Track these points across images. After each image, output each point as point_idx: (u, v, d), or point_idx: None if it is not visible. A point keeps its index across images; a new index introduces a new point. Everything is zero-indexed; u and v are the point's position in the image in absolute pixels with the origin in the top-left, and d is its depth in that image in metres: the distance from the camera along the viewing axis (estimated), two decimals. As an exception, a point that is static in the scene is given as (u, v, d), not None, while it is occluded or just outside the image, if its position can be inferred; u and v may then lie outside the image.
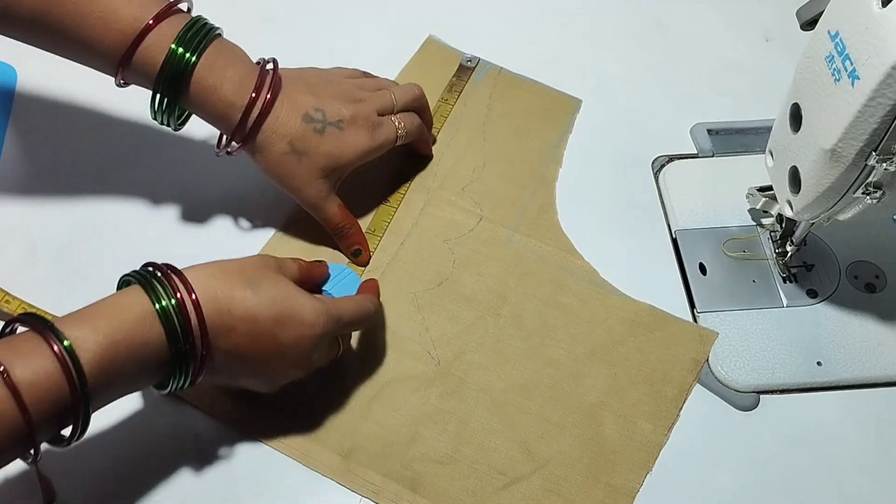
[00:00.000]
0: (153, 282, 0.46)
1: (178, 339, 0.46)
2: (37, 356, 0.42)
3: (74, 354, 0.43)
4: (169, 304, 0.46)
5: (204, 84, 0.55)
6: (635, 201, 0.68)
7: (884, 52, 0.44)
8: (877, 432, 0.58)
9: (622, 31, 0.78)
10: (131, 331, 0.45)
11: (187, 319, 0.46)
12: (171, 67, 0.54)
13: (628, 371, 0.59)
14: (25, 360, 0.42)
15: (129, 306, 0.46)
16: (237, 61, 0.56)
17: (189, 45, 0.54)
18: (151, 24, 0.53)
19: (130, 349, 0.45)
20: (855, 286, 0.63)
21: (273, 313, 0.49)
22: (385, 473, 0.55)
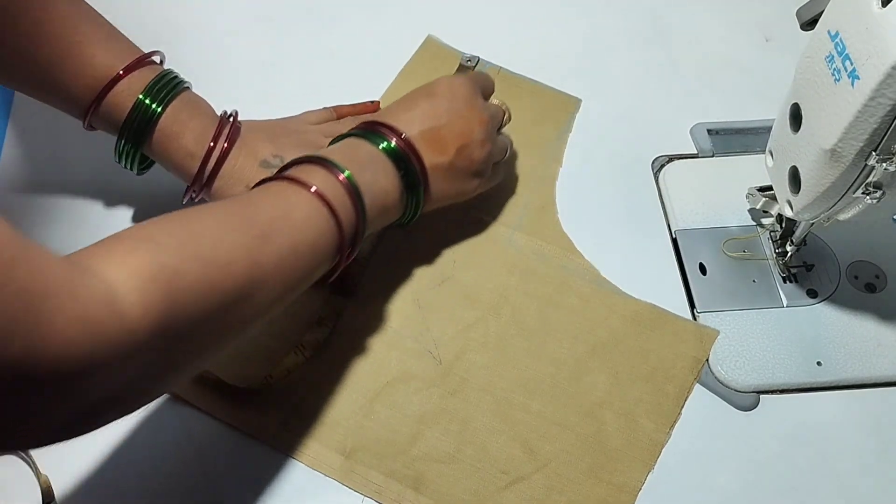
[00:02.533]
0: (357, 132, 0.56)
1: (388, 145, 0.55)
2: (326, 181, 0.50)
3: (354, 181, 0.51)
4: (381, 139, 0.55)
5: (167, 133, 0.57)
6: (635, 201, 0.68)
7: (884, 52, 0.44)
8: (877, 432, 0.58)
9: (622, 30, 0.78)
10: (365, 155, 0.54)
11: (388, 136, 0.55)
12: (136, 116, 0.56)
13: (629, 369, 0.59)
14: (317, 181, 0.49)
15: (356, 148, 0.54)
16: (200, 114, 0.59)
17: (156, 97, 0.56)
18: (122, 73, 0.56)
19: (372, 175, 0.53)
20: (855, 286, 0.63)
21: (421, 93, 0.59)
22: (387, 473, 0.55)
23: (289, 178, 0.50)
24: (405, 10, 0.78)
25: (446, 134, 0.57)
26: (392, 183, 0.54)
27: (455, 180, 0.59)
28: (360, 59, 0.75)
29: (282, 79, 0.74)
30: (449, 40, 0.76)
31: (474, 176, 0.60)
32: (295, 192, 0.49)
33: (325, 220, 0.49)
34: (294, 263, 0.47)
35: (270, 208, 0.48)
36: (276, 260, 0.46)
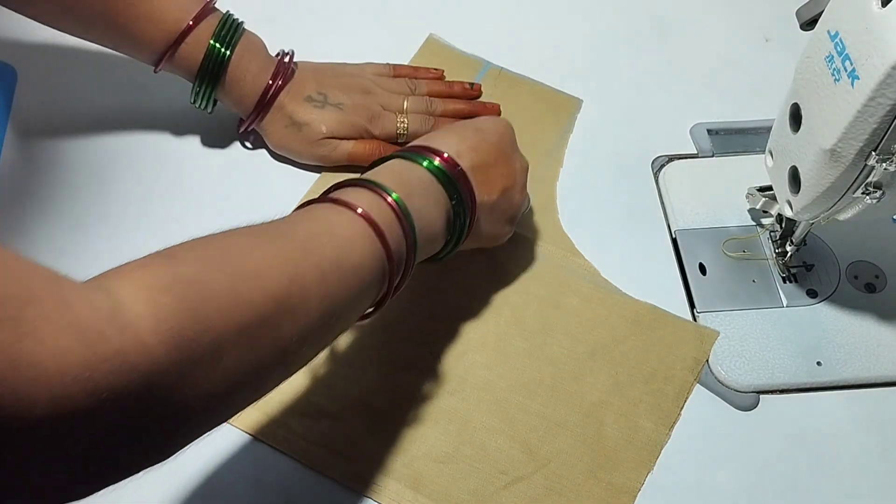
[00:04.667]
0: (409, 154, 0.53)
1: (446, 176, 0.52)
2: (372, 203, 0.47)
3: (404, 205, 0.48)
4: (431, 163, 0.53)
5: (234, 75, 0.62)
6: (635, 201, 0.68)
7: (884, 52, 0.44)
8: (877, 432, 0.58)
9: (622, 31, 0.78)
10: (416, 182, 0.51)
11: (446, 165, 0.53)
12: (210, 62, 0.61)
13: (629, 370, 0.59)
14: (364, 203, 0.47)
15: (404, 171, 0.52)
16: (258, 55, 0.64)
17: (223, 41, 0.61)
18: (192, 24, 0.60)
19: (422, 200, 0.50)
20: (855, 286, 0.63)
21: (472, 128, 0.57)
22: (386, 472, 0.55)
23: (332, 199, 0.47)
24: (407, 9, 0.78)
25: (494, 174, 0.55)
26: (440, 211, 0.52)
27: (495, 222, 0.57)
28: (361, 59, 0.75)
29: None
30: (450, 40, 0.76)
31: (509, 221, 0.59)
32: (339, 212, 0.46)
33: (372, 242, 0.45)
34: (338, 281, 0.43)
35: (311, 224, 0.45)
36: (317, 274, 0.42)
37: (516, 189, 0.57)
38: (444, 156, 0.53)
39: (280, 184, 0.67)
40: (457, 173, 0.53)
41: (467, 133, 0.56)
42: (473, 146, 0.55)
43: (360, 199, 0.47)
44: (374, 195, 0.48)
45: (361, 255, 0.45)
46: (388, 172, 0.51)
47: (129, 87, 0.71)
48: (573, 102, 0.73)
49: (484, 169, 0.55)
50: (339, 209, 0.46)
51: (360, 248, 0.45)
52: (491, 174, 0.55)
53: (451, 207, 0.52)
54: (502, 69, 0.75)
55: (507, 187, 0.56)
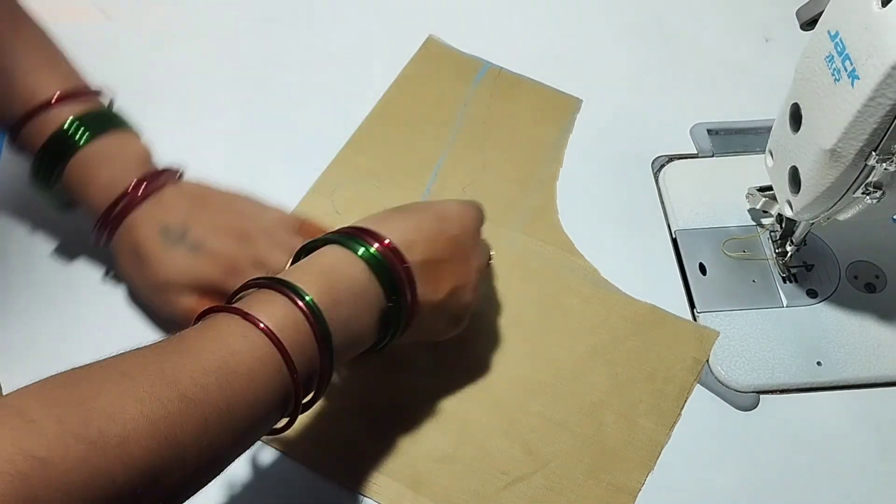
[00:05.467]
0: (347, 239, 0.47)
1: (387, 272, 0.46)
2: (281, 309, 0.42)
3: (319, 311, 0.43)
4: (368, 251, 0.46)
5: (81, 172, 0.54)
6: (635, 201, 0.68)
7: (884, 52, 0.44)
8: (877, 432, 0.58)
9: (622, 30, 0.78)
10: (347, 283, 0.45)
11: (389, 260, 0.47)
12: (56, 142, 0.53)
13: (629, 370, 0.59)
14: (271, 312, 0.42)
15: (336, 264, 0.46)
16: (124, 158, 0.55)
17: (81, 127, 0.54)
18: (54, 100, 0.53)
19: (349, 305, 0.45)
20: (855, 286, 0.63)
21: (433, 215, 0.51)
22: (386, 472, 0.55)
23: (235, 310, 0.42)
24: (406, 10, 0.78)
25: (445, 271, 0.50)
26: (372, 312, 0.46)
27: (437, 321, 0.52)
28: (361, 59, 0.75)
29: (282, 79, 0.74)
30: (450, 40, 0.76)
31: (454, 321, 0.53)
32: (240, 331, 0.41)
33: (275, 366, 0.40)
34: (225, 427, 0.38)
35: (201, 356, 0.39)
36: (199, 427, 0.37)
37: (468, 289, 0.51)
38: (384, 242, 0.47)
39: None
40: (400, 269, 0.47)
41: (426, 221, 0.50)
42: (430, 238, 0.49)
43: (270, 308, 0.42)
44: (287, 302, 0.42)
45: (260, 387, 0.40)
46: (315, 269, 0.46)
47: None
48: (573, 102, 0.73)
49: (435, 265, 0.49)
50: (241, 325, 0.41)
51: (260, 378, 0.40)
52: (442, 271, 0.49)
53: (387, 307, 0.47)
54: (502, 69, 0.75)
55: (457, 287, 0.51)
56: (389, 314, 0.47)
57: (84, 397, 0.35)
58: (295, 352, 0.41)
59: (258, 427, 0.41)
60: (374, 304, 0.46)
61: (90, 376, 0.36)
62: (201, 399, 0.37)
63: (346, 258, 0.46)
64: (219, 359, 0.39)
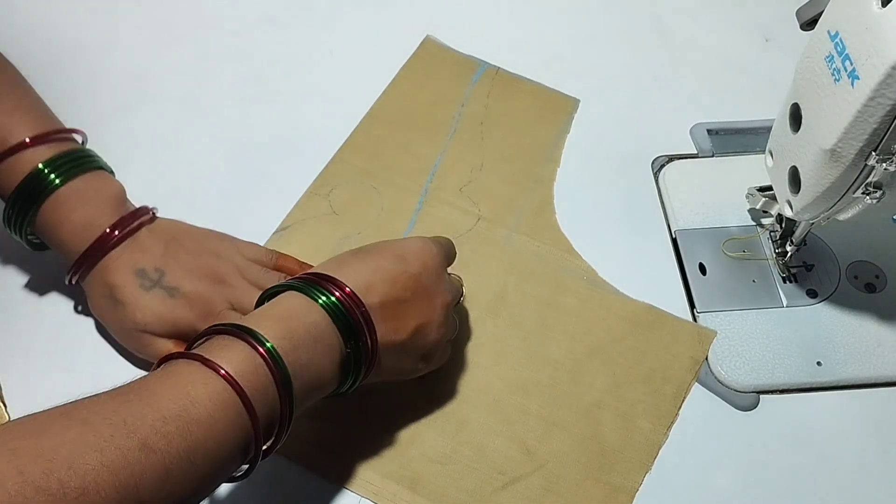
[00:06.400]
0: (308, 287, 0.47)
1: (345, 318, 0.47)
2: (240, 354, 0.42)
3: (277, 354, 0.43)
4: (329, 299, 0.47)
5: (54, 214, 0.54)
6: (635, 201, 0.68)
7: (884, 52, 0.44)
8: (877, 432, 0.58)
9: (622, 30, 0.78)
10: (305, 328, 0.45)
11: (347, 306, 0.47)
12: (30, 184, 0.53)
13: (627, 370, 0.59)
14: (231, 358, 0.42)
15: (294, 310, 0.46)
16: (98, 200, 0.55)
17: (58, 169, 0.54)
18: (28, 142, 0.53)
19: (309, 350, 0.45)
20: (855, 286, 0.63)
21: (391, 255, 0.51)
22: (384, 473, 0.55)
23: (196, 357, 0.42)
24: (404, 10, 0.78)
25: (407, 310, 0.49)
26: (332, 358, 0.46)
27: (403, 361, 0.52)
28: (359, 59, 0.75)
29: (280, 79, 0.74)
30: (447, 40, 0.76)
31: (422, 359, 0.53)
32: (201, 377, 0.41)
33: (235, 412, 0.41)
34: (186, 474, 0.38)
35: (162, 403, 0.39)
36: (159, 475, 0.37)
37: (433, 326, 0.51)
38: (346, 290, 0.47)
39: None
40: (358, 314, 0.47)
41: (385, 261, 0.50)
42: (389, 278, 0.49)
43: (230, 354, 0.42)
44: (247, 348, 0.43)
45: (220, 433, 0.40)
46: (274, 315, 0.46)
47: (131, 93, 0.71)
48: (570, 102, 0.73)
49: (396, 305, 0.49)
50: (202, 372, 0.41)
51: (220, 425, 0.40)
52: (404, 311, 0.49)
53: (346, 353, 0.47)
54: (499, 69, 0.74)
55: (421, 325, 0.50)
56: (349, 359, 0.48)
57: (45, 448, 0.35)
58: (255, 398, 0.41)
59: (219, 474, 0.41)
60: (335, 347, 0.47)
61: (51, 425, 0.37)
62: (162, 448, 0.37)
63: (306, 304, 0.46)
64: (179, 406, 0.39)
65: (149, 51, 0.74)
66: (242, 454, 0.42)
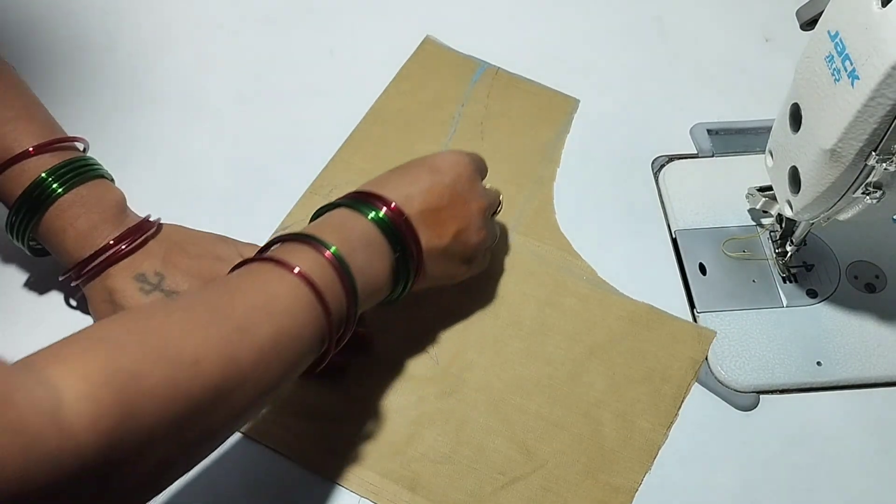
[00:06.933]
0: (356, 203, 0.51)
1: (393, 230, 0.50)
2: (312, 261, 0.46)
3: (343, 259, 0.47)
4: (377, 214, 0.50)
5: (56, 223, 0.54)
6: (635, 201, 0.68)
7: (884, 52, 0.44)
8: (877, 432, 0.58)
9: (622, 30, 0.78)
10: (358, 235, 0.49)
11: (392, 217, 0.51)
12: (34, 192, 0.54)
13: (627, 370, 0.59)
14: (301, 259, 0.45)
15: (347, 222, 0.50)
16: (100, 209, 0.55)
17: (60, 178, 0.54)
18: (31, 151, 0.54)
19: (365, 254, 0.49)
20: (855, 286, 0.63)
21: (426, 168, 0.54)
22: (384, 473, 0.55)
23: (270, 259, 0.46)
24: (403, 10, 0.78)
25: (446, 217, 0.53)
26: (384, 263, 0.50)
27: (447, 264, 0.55)
28: (358, 58, 0.75)
29: (280, 79, 0.74)
30: (447, 41, 0.76)
31: (465, 262, 0.56)
32: (277, 275, 0.45)
33: (311, 306, 0.44)
34: (276, 356, 0.42)
35: (248, 296, 0.43)
36: (255, 355, 0.41)
37: (472, 230, 0.54)
38: (391, 206, 0.51)
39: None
40: (402, 223, 0.51)
41: (421, 174, 0.54)
42: (426, 189, 0.53)
43: (300, 256, 0.46)
44: (314, 251, 0.46)
45: (300, 324, 0.44)
46: (330, 225, 0.49)
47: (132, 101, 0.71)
48: (570, 102, 0.73)
49: (435, 213, 0.52)
50: (277, 271, 0.45)
51: (300, 316, 0.44)
52: (443, 217, 0.53)
53: (395, 259, 0.51)
54: (499, 69, 0.74)
55: (460, 230, 0.54)
56: (399, 265, 0.51)
57: (157, 326, 0.39)
58: (326, 294, 0.45)
59: (300, 361, 0.45)
60: (386, 254, 0.50)
61: (155, 313, 0.40)
62: (254, 331, 0.41)
63: (356, 217, 0.50)
64: (263, 299, 0.43)
65: (149, 51, 0.74)
66: (319, 345, 0.46)
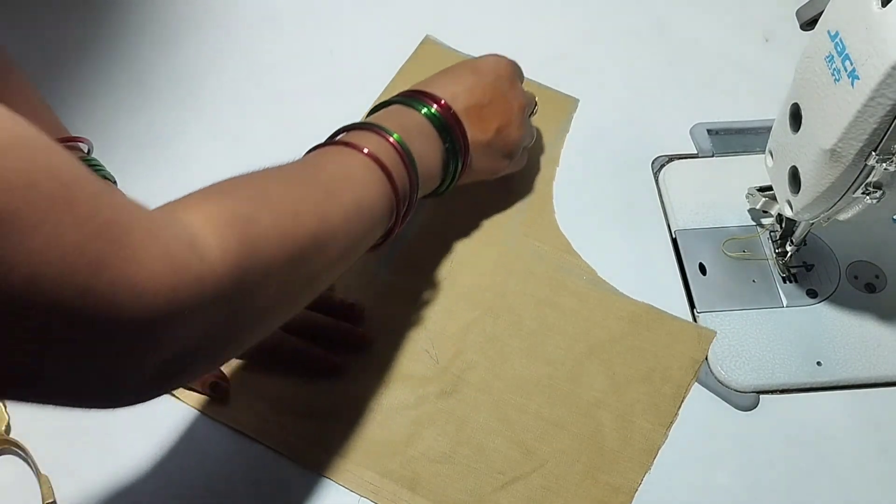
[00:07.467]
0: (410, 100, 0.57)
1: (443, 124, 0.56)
2: (378, 145, 0.51)
3: (406, 145, 0.52)
4: (429, 110, 0.56)
5: None
6: (635, 201, 0.68)
7: (884, 52, 0.44)
8: (877, 432, 0.58)
9: (622, 30, 0.78)
10: (414, 125, 0.55)
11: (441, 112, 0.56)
12: None
13: (626, 370, 0.59)
14: (370, 144, 0.51)
15: (403, 115, 0.56)
16: None
17: None
18: None
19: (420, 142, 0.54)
20: (855, 286, 0.63)
21: (469, 69, 0.61)
22: (383, 473, 0.55)
23: (342, 142, 0.52)
24: (404, 10, 0.78)
25: (488, 113, 0.59)
26: (436, 153, 0.56)
27: (491, 158, 0.61)
28: (358, 58, 0.75)
29: (280, 78, 0.74)
30: (447, 40, 0.76)
31: (506, 156, 0.62)
32: (349, 155, 0.50)
33: (382, 182, 0.50)
34: (358, 219, 0.48)
35: (329, 169, 0.50)
36: (342, 214, 0.47)
37: (513, 126, 0.60)
38: (441, 102, 0.56)
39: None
40: (451, 117, 0.56)
41: (465, 75, 0.59)
42: (469, 87, 0.58)
43: (367, 141, 0.51)
44: (379, 137, 0.52)
45: (374, 195, 0.50)
46: (388, 116, 0.55)
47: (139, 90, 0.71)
48: (569, 102, 0.73)
49: (478, 109, 0.58)
50: (349, 151, 0.50)
51: (373, 188, 0.50)
52: (486, 113, 0.59)
53: (445, 150, 0.56)
54: (501, 69, 0.74)
55: (502, 125, 0.59)
56: (447, 156, 0.57)
57: (261, 184, 0.44)
58: (392, 173, 0.50)
59: (375, 228, 0.51)
60: (437, 144, 0.56)
61: (262, 175, 0.45)
62: (338, 195, 0.47)
63: (410, 111, 0.56)
64: (340, 171, 0.49)
65: (151, 52, 0.74)
66: (388, 217, 0.51)
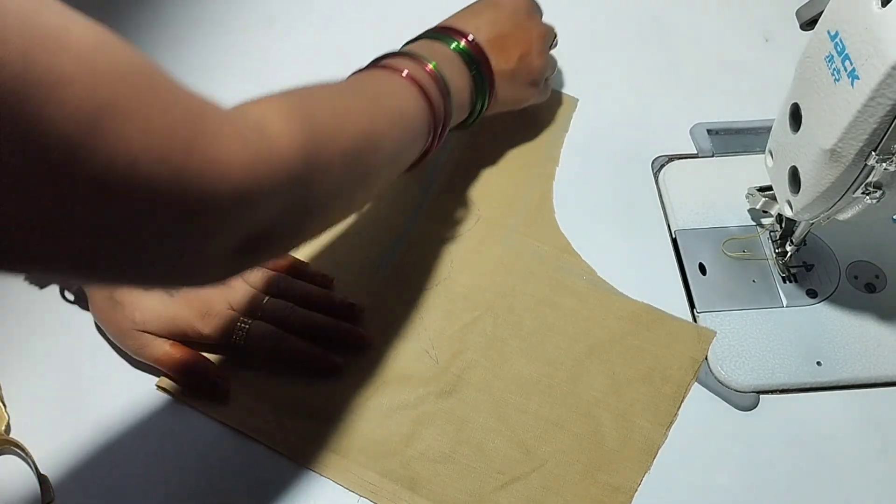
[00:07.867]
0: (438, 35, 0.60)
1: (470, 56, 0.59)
2: (415, 69, 0.54)
3: (441, 72, 0.55)
4: (458, 45, 0.59)
5: None
6: (635, 201, 0.68)
7: (884, 52, 0.44)
8: (877, 432, 0.58)
9: (622, 30, 0.78)
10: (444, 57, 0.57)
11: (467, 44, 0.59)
12: None
13: (626, 370, 0.59)
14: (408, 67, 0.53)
15: (434, 47, 0.58)
16: None
17: None
18: None
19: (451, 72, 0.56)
20: (855, 286, 0.63)
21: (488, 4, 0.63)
22: (383, 473, 0.55)
23: (378, 66, 0.54)
24: (404, 10, 0.78)
25: (510, 42, 0.61)
26: (465, 82, 0.58)
27: (516, 87, 0.63)
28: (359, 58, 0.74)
29: (280, 79, 0.73)
30: (448, 40, 0.76)
31: (531, 85, 0.64)
32: (389, 76, 0.53)
33: (420, 100, 0.53)
34: (401, 126, 0.51)
35: (372, 85, 0.52)
36: (387, 120, 0.49)
37: (533, 54, 0.63)
38: (467, 37, 0.59)
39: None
40: (476, 51, 0.59)
41: (484, 9, 0.62)
42: (490, 20, 0.61)
43: (406, 65, 0.54)
44: (416, 64, 0.54)
45: (413, 111, 0.52)
46: (422, 47, 0.58)
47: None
48: (569, 102, 0.73)
49: (500, 39, 0.61)
50: (389, 73, 0.53)
51: (413, 105, 0.52)
52: (507, 43, 0.61)
53: (473, 81, 0.59)
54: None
55: (524, 53, 0.62)
56: (475, 85, 0.59)
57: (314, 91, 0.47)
58: (430, 94, 0.53)
59: (415, 141, 0.53)
60: (465, 73, 0.59)
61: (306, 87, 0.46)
62: (384, 104, 0.50)
63: (439, 44, 0.59)
64: (383, 86, 0.52)
65: (150, 52, 0.74)
66: (427, 133, 0.54)
